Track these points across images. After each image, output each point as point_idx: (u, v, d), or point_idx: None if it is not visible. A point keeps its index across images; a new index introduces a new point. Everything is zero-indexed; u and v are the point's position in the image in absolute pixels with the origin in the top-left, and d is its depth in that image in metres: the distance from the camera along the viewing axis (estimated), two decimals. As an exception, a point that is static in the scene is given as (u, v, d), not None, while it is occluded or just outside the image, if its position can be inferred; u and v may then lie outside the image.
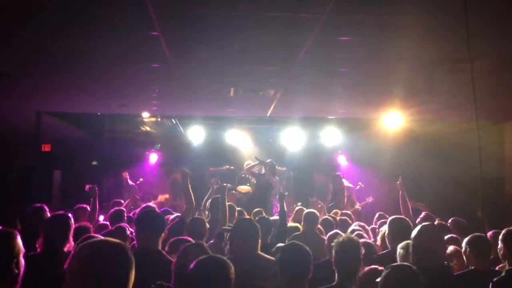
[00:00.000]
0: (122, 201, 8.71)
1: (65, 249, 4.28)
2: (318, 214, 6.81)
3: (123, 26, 4.60)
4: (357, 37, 5.00)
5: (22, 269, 2.67)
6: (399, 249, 4.15)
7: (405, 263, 3.30)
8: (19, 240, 2.74)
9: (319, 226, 6.61)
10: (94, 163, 12.70)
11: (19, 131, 10.76)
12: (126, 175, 12.14)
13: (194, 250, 5.02)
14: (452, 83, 6.75)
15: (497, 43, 5.15)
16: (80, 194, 9.50)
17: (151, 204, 7.55)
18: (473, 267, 4.43)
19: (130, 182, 12.03)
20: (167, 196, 11.24)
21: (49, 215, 5.10)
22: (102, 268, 2.01)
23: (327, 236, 5.30)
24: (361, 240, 4.47)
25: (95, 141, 12.29)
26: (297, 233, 6.35)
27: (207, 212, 7.06)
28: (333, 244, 4.07)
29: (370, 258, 4.55)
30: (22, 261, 2.69)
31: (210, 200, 7.00)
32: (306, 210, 6.96)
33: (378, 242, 5.65)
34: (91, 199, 6.66)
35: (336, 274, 3.79)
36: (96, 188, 6.71)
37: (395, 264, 3.21)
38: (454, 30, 4.52)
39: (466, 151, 8.97)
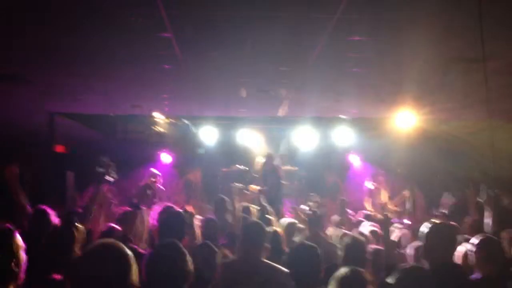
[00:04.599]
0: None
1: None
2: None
3: (136, 27, 4.62)
4: (369, 37, 4.97)
5: (23, 265, 2.57)
6: None
7: (416, 264, 3.27)
8: (17, 236, 2.62)
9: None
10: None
11: (32, 132, 10.82)
12: (154, 180, 11.61)
13: (203, 251, 5.05)
14: (465, 82, 6.68)
15: (511, 43, 5.09)
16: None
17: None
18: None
19: (159, 186, 11.66)
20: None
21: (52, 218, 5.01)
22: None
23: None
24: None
25: (108, 142, 12.32)
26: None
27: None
28: (339, 246, 4.08)
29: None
30: (22, 256, 2.59)
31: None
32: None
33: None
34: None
35: None
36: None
37: (407, 266, 3.18)
38: (468, 30, 4.47)
39: (479, 150, 8.88)
